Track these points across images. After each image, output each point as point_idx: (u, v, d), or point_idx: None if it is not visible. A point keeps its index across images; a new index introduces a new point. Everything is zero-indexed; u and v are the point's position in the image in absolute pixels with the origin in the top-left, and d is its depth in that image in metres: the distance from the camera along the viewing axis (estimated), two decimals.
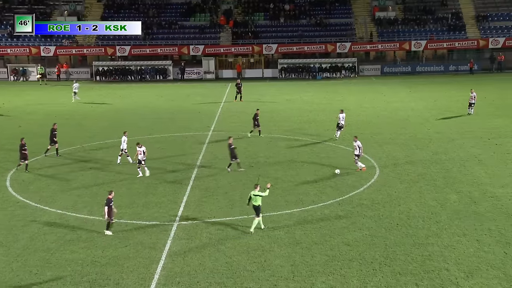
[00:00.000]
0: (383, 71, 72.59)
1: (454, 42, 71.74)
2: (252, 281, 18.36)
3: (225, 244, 21.25)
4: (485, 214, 23.85)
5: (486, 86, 60.68)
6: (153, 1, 79.56)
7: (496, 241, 21.23)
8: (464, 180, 28.32)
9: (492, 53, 72.03)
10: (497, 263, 19.47)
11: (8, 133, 41.16)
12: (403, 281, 18.26)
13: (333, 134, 38.26)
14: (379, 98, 54.49)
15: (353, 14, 76.78)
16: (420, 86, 61.59)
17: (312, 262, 19.65)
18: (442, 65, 73.20)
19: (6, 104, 53.90)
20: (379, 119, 44.01)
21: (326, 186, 27.66)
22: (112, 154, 34.05)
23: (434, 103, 50.73)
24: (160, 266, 19.47)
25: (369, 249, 20.62)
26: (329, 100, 53.41)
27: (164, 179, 29.30)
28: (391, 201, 25.39)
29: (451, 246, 20.76)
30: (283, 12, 77.11)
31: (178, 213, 24.38)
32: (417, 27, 73.93)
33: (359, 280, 18.36)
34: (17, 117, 47.14)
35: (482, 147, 34.55)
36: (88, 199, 26.50)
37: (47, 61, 74.29)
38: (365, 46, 72.88)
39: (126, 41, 73.48)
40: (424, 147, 34.87)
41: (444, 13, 75.13)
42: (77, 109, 50.85)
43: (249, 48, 72.45)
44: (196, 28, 76.01)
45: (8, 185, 28.79)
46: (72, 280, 18.61)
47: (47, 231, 22.78)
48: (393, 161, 31.86)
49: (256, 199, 22.43)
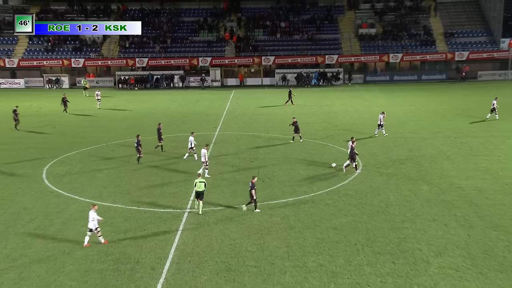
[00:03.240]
0: (365, 79, 72.55)
1: (426, 55, 71.75)
2: (252, 260, 18.41)
3: (229, 228, 21.30)
4: (452, 202, 23.92)
5: (452, 92, 60.79)
6: (167, 20, 79.47)
7: (461, 225, 21.29)
8: (434, 173, 28.38)
9: (457, 65, 72.03)
10: (462, 244, 19.55)
11: (44, 134, 41.18)
12: (382, 259, 18.33)
13: (322, 134, 38.33)
14: (361, 103, 54.52)
15: (340, 31, 76.70)
16: (397, 93, 61.61)
17: (304, 243, 19.71)
18: (416, 75, 73.18)
19: (43, 108, 53.98)
20: (362, 121, 44.06)
21: (317, 179, 27.70)
22: (132, 151, 34.07)
23: (409, 107, 50.77)
24: (174, 247, 19.52)
25: (353, 232, 20.68)
26: (319, 104, 53.44)
27: (177, 173, 29.34)
28: (372, 192, 25.47)
29: (423, 230, 20.82)
30: (279, 29, 77.05)
31: (189, 202, 24.43)
32: (394, 42, 73.90)
33: (344, 259, 18.42)
34: (51, 120, 47.18)
35: (449, 145, 34.61)
36: (112, 189, 26.54)
37: (76, 71, 74.24)
38: (350, 58, 72.84)
39: (144, 54, 73.49)
40: (400, 145, 34.94)
41: (417, 30, 75.09)
42: (102, 113, 50.84)
43: (250, 60, 72.42)
44: (204, 42, 75.98)
45: (44, 178, 28.84)
46: (99, 259, 18.70)
47: (77, 217, 22.84)
48: (374, 157, 31.94)
49: (199, 186, 22.80)
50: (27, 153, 33.84)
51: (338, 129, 40.57)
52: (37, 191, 26.49)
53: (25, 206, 24.34)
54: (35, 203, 24.60)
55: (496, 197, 24.47)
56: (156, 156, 32.80)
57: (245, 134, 38.61)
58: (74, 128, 42.97)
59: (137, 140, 30.88)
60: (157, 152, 33.44)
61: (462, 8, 77.62)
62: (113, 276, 17.48)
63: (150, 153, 33.14)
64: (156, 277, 17.37)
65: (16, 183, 27.81)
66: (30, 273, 17.82)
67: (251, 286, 16.71)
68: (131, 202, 24.46)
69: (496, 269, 17.63)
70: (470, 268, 17.68)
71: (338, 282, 16.88)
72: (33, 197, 25.59)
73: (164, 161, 31.74)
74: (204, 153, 28.40)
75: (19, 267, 18.30)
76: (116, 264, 18.27)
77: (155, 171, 29.73)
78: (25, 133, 40.89)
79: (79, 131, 41.78)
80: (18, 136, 39.80)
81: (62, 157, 33.13)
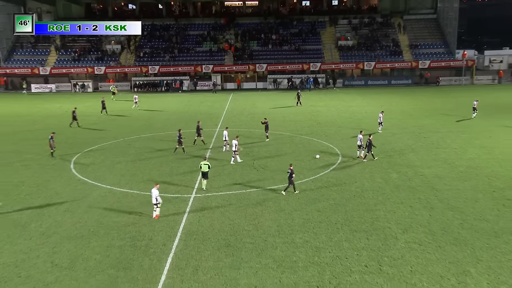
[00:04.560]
0: (344, 84, 72.43)
1: (395, 63, 71.70)
2: (248, 237, 18.48)
3: (228, 211, 21.33)
4: (416, 187, 24.04)
5: (417, 95, 60.88)
6: (175, 33, 79.02)
7: (424, 206, 21.42)
8: (402, 163, 28.48)
9: (421, 72, 72.15)
10: (424, 222, 19.69)
11: (71, 130, 41.03)
12: (358, 236, 18.43)
13: (307, 130, 38.32)
14: (341, 103, 54.50)
15: (322, 42, 76.54)
16: (371, 95, 61.62)
17: (292, 223, 19.77)
18: (386, 80, 73.08)
19: (70, 108, 53.60)
20: (341, 119, 44.05)
21: (303, 168, 27.72)
22: (146, 145, 33.97)
23: (381, 107, 50.74)
24: (182, 227, 19.57)
25: (334, 213, 20.76)
26: (304, 105, 53.40)
27: (184, 163, 29.26)
28: (350, 179, 25.53)
29: (392, 211, 20.93)
30: (271, 40, 76.79)
31: (194, 188, 24.45)
32: (368, 52, 73.79)
33: (326, 236, 18.51)
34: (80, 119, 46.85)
35: (414, 140, 34.70)
36: (128, 178, 26.50)
37: (99, 77, 73.79)
38: (331, 66, 72.71)
39: (156, 62, 73.13)
40: (374, 140, 34.81)
41: (387, 42, 75.01)
42: (119, 112, 50.57)
43: (246, 67, 72.15)
44: (207, 52, 75.59)
45: (72, 168, 28.79)
46: (118, 236, 18.73)
47: (100, 200, 22.84)
48: (352, 149, 31.93)
49: (203, 167, 23.56)
50: (59, 146, 33.70)
51: (321, 126, 40.59)
52: (66, 178, 26.45)
53: (56, 191, 24.32)
54: (65, 189, 24.57)
55: (453, 183, 24.63)
56: (183, 148, 32.72)
57: (242, 130, 38.54)
58: (98, 125, 42.76)
59: (178, 134, 31.05)
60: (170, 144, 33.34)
61: (424, 24, 77.80)
62: (130, 251, 17.52)
63: (161, 150, 32.96)
64: (167, 251, 17.43)
65: (49, 172, 27.75)
66: (61, 248, 17.88)
67: (247, 259, 16.78)
68: (145, 188, 24.43)
69: (452, 242, 17.81)
70: (431, 243, 17.83)
71: (321, 255, 16.98)
72: (63, 184, 25.55)
73: (171, 154, 31.60)
74: (235, 143, 28.64)
75: (52, 242, 18.36)
76: (133, 241, 18.31)
77: (165, 161, 29.67)
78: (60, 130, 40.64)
79: (101, 127, 41.60)
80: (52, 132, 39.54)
81: (86, 150, 33.04)
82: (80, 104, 54.57)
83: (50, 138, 31.06)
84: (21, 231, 19.53)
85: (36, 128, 42.32)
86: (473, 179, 25.23)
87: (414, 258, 16.69)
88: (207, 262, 16.61)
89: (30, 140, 36.74)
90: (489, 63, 78.64)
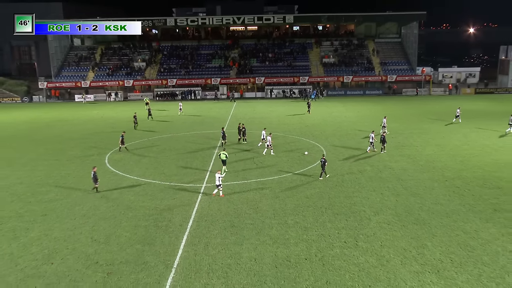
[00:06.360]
0: (327, 93, 72.18)
1: (368, 77, 71.46)
2: (249, 219, 18.49)
3: (233, 197, 21.34)
4: (386, 178, 24.05)
5: (387, 103, 60.75)
6: (190, 52, 78.79)
7: (392, 193, 21.44)
8: (374, 158, 28.44)
9: (389, 84, 72.08)
10: (392, 206, 19.72)
11: (105, 132, 40.94)
12: (339, 218, 18.45)
13: (298, 131, 38.19)
14: (325, 110, 54.36)
15: (310, 60, 76.41)
16: (350, 103, 61.45)
17: (285, 208, 19.79)
18: (361, 90, 72.86)
19: (104, 114, 53.59)
20: (325, 122, 43.96)
21: (294, 163, 27.70)
22: (165, 144, 33.86)
23: (358, 113, 50.76)
24: (195, 210, 19.58)
25: (319, 200, 20.77)
26: (296, 111, 53.34)
27: (197, 158, 29.25)
28: (332, 171, 25.47)
29: (366, 198, 20.95)
30: (267, 58, 76.68)
31: (205, 179, 24.43)
32: (347, 68, 73.67)
33: (313, 218, 18.53)
34: (111, 122, 46.87)
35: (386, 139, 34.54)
36: (152, 170, 26.47)
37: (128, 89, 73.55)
38: (317, 79, 72.50)
39: (174, 76, 72.96)
40: (352, 139, 34.94)
41: (362, 60, 74.88)
42: (144, 117, 50.40)
43: (247, 79, 71.99)
44: (215, 67, 75.36)
45: (106, 162, 28.76)
46: (143, 217, 18.76)
47: (129, 189, 22.82)
48: (333, 147, 31.95)
49: (222, 156, 24.65)
50: (96, 145, 33.65)
51: (309, 128, 40.51)
52: (101, 171, 26.38)
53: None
54: (101, 180, 24.47)
55: (414, 174, 24.64)
56: (193, 145, 32.65)
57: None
58: (127, 129, 42.67)
59: (222, 131, 31.86)
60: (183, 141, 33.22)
61: (391, 46, 78.18)
62: (153, 230, 17.54)
63: (168, 149, 32.82)
64: (183, 230, 17.46)
65: (89, 166, 27.71)
66: (99, 226, 17.95)
67: (249, 237, 16.81)
68: (165, 179, 24.46)
69: (413, 222, 17.86)
70: (397, 223, 17.86)
71: (309, 234, 17.00)
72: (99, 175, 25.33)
73: (185, 152, 31.54)
74: (269, 140, 29.38)
75: (91, 222, 18.43)
76: (155, 222, 18.33)
77: (181, 157, 29.63)
78: (95, 131, 40.63)
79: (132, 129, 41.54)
80: (90, 133, 39.54)
81: (114, 150, 32.96)
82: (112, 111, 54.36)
83: (121, 136, 31.48)
84: (67, 213, 19.60)
85: (76, 129, 42.18)
86: (430, 171, 25.24)
87: (384, 235, 16.72)
88: (215, 239, 16.63)
89: (73, 140, 36.66)
90: (442, 78, 79.13)
